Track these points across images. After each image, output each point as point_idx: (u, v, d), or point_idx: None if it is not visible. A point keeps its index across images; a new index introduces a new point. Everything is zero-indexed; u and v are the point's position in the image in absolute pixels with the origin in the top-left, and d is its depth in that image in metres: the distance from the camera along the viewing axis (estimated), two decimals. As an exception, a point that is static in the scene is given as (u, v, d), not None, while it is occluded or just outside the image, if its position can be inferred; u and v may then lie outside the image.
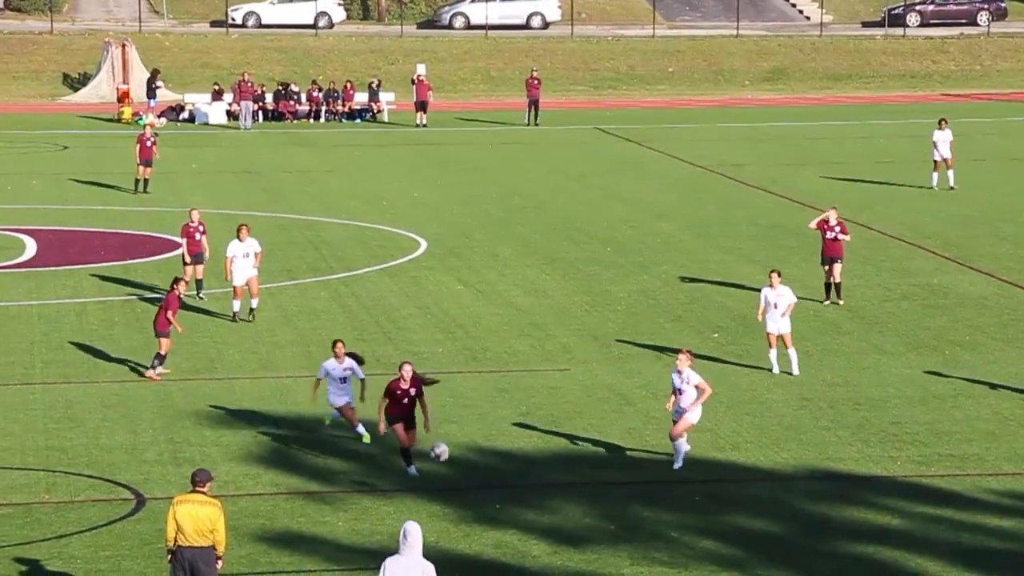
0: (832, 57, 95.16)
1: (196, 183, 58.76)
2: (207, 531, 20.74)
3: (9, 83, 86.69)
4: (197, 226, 39.58)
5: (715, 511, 25.66)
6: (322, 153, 67.40)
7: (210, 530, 20.76)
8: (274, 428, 29.76)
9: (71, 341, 36.23)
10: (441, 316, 38.43)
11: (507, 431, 29.64)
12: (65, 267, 44.16)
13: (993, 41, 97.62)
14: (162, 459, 28.15)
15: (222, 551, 20.97)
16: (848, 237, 39.34)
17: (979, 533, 24.81)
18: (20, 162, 64.30)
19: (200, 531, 20.71)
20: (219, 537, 20.81)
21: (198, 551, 20.72)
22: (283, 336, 36.69)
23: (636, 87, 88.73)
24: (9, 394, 32.11)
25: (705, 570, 23.30)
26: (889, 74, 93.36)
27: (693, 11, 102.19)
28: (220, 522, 20.82)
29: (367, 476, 27.17)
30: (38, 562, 23.51)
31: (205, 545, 20.75)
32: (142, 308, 39.14)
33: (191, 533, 20.69)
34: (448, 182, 58.95)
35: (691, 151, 66.45)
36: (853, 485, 26.94)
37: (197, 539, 20.71)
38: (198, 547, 20.72)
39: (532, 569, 23.36)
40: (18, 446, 28.87)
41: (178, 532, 20.72)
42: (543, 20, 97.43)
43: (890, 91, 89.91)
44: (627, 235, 48.51)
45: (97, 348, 35.61)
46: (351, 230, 49.55)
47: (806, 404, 31.32)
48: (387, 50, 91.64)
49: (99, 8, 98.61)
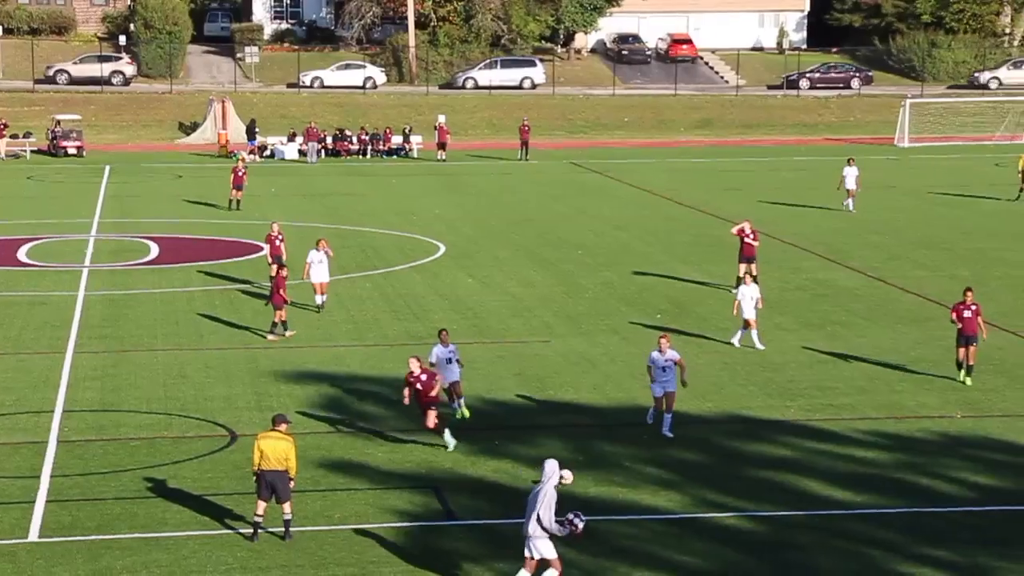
0: (745, 110, 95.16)
1: (275, 203, 58.72)
2: (283, 459, 20.74)
3: (140, 129, 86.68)
4: (277, 235, 39.44)
5: (657, 446, 25.68)
6: (368, 180, 67.38)
7: (285, 458, 20.75)
8: (331, 384, 29.77)
9: (183, 319, 36.25)
10: (455, 301, 38.45)
11: (504, 387, 29.67)
12: (179, 265, 44.17)
13: (863, 100, 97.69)
14: (249, 406, 28.18)
15: (294, 474, 20.96)
16: (758, 243, 39.28)
17: (851, 462, 24.86)
18: (147, 187, 64.29)
19: (278, 459, 20.71)
20: (291, 464, 20.80)
21: (276, 474, 20.72)
22: (338, 316, 36.70)
23: (601, 132, 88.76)
24: (138, 357, 32.14)
25: (649, 489, 23.33)
26: (787, 123, 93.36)
27: (643, 76, 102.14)
28: (292, 453, 20.81)
29: (399, 419, 27.16)
30: (160, 481, 23.58)
31: (281, 469, 20.74)
32: (235, 295, 39.15)
33: (272, 460, 20.69)
34: (461, 202, 58.96)
35: (641, 180, 66.45)
36: (759, 427, 26.97)
37: (275, 464, 20.71)
38: (276, 471, 20.71)
39: (522, 488, 23.30)
40: (144, 396, 28.90)
41: (261, 459, 20.72)
42: (532, 82, 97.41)
43: (788, 136, 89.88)
44: (594, 241, 48.53)
45: (202, 324, 35.62)
46: (389, 237, 49.57)
47: (726, 367, 31.32)
48: (416, 104, 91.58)
49: (205, 74, 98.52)
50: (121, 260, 45.01)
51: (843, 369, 31.20)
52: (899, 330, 35.06)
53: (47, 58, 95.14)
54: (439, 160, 74.92)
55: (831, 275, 42.36)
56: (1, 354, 32.47)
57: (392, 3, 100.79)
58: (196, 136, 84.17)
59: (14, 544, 20.79)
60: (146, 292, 39.70)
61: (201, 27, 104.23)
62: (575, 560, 20.20)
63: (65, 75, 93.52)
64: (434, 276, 42.16)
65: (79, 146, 77.19)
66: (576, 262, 44.40)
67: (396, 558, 20.29)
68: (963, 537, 21.23)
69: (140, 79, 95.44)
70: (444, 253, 46.16)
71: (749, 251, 38.80)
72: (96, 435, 26.22)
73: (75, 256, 45.60)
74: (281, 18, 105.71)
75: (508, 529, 21.33)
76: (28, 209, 56.52)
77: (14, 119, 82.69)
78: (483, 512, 22.23)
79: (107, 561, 20.16)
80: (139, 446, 25.50)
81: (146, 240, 48.62)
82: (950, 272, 42.63)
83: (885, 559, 20.41)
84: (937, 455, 25.18)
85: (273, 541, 20.88)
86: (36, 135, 79.58)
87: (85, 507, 22.19)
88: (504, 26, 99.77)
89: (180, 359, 31.97)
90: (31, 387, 29.47)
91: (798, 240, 48.43)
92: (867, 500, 22.83)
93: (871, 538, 21.20)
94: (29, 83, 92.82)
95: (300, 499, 22.61)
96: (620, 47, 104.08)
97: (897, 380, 30.31)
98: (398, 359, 31.64)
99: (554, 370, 31.05)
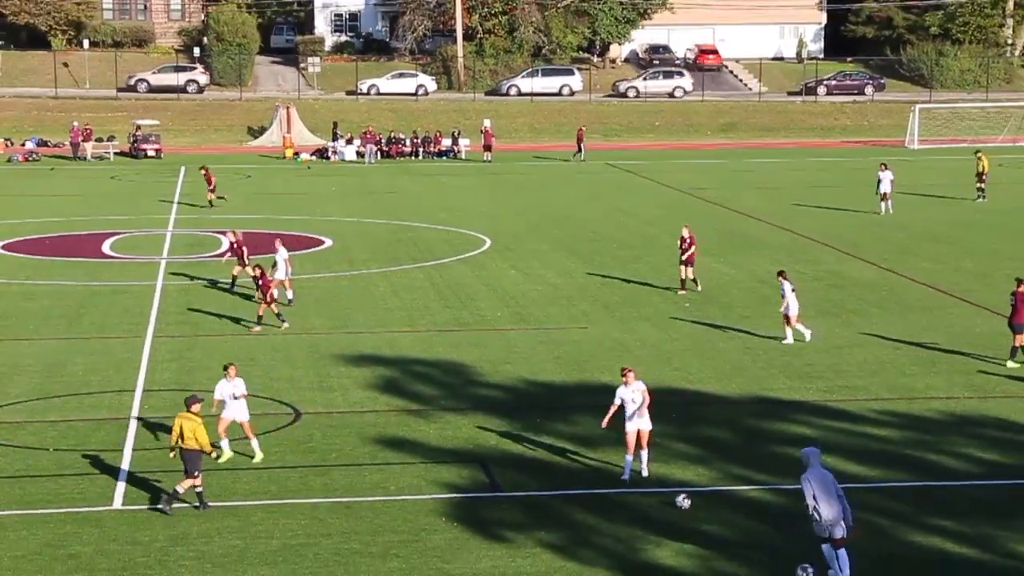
0: (767, 115, 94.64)
1: (337, 201, 58.84)
2: (193, 438, 20.78)
3: (212, 134, 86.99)
4: (238, 240, 37.89)
5: (686, 424, 25.57)
6: (420, 180, 67.41)
7: (194, 437, 20.78)
8: (386, 367, 29.77)
9: (250, 307, 36.27)
10: (500, 291, 38.39)
11: (545, 370, 29.60)
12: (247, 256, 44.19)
13: (876, 105, 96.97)
14: (312, 386, 28.21)
15: (208, 449, 21.05)
16: (694, 248, 37.12)
17: (864, 439, 24.69)
18: (218, 186, 64.41)
19: (189, 437, 20.79)
20: (202, 442, 20.82)
21: (190, 451, 20.84)
22: (392, 304, 36.70)
23: (634, 135, 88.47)
24: (210, 342, 32.23)
25: (679, 464, 23.22)
26: (806, 127, 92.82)
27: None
28: (200, 431, 20.83)
29: (449, 398, 27.16)
30: (231, 454, 23.57)
31: (195, 448, 20.80)
32: (298, 284, 39.18)
33: (185, 438, 20.84)
34: (505, 200, 58.89)
35: (670, 179, 66.21)
36: (780, 407, 26.81)
37: (189, 443, 20.81)
38: (191, 449, 20.83)
39: (561, 464, 23.32)
40: (216, 377, 28.67)
41: (179, 438, 20.89)
42: (570, 89, 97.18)
43: (807, 139, 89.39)
44: (626, 235, 48.37)
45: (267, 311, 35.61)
46: (439, 232, 49.55)
47: (748, 351, 31.15)
48: (464, 110, 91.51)
49: (272, 83, 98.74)
50: (195, 252, 45.16)
51: (857, 354, 30.97)
52: (909, 318, 34.79)
53: (129, 68, 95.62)
54: (485, 161, 74.84)
55: (846, 267, 42.07)
56: (87, 338, 32.64)
57: (442, 17, 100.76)
58: (263, 139, 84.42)
59: (100, 511, 20.90)
60: (218, 281, 39.81)
61: (268, 40, 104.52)
62: (609, 530, 20.14)
63: (145, 84, 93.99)
64: (480, 267, 42.11)
65: (157, 149, 77.55)
66: (611, 255, 44.27)
67: (446, 526, 20.29)
68: (969, 509, 21.05)
69: (213, 87, 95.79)
70: (489, 246, 46.09)
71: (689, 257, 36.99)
72: (172, 412, 26.11)
73: (154, 249, 45.79)
74: (341, 31, 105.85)
75: (549, 501, 21.31)
76: (112, 206, 56.82)
77: (99, 124, 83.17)
78: (526, 485, 22.17)
79: (183, 527, 20.24)
80: (211, 423, 25.53)
81: (218, 234, 48.73)
82: (955, 265, 42.29)
83: (896, 529, 20.26)
84: (944, 433, 24.97)
85: (336, 509, 20.90)
86: (119, 139, 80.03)
87: (163, 478, 22.27)
88: (545, 38, 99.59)
89: (248, 343, 32.04)
90: (114, 368, 29.61)
91: (816, 235, 48.12)
92: (880, 474, 22.67)
93: (883, 509, 21.04)
94: (112, 91, 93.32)
95: (358, 472, 22.65)
96: (651, 56, 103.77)
97: (907, 364, 30.07)
98: (447, 344, 31.69)
99: (591, 354, 30.95)
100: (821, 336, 32.44)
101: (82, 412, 26.26)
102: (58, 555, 19.21)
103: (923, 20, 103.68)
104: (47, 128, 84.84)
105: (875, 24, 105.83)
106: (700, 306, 36.07)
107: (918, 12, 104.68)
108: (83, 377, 28.84)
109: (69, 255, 44.08)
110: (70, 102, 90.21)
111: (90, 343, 32.03)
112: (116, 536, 19.88)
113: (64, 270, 41.44)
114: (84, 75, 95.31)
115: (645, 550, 19.43)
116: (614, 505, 21.17)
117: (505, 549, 19.35)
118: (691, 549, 19.44)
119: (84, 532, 20.00)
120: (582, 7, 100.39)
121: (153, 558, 19.06)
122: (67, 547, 19.49)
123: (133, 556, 19.14)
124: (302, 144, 78.86)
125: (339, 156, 76.65)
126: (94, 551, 19.34)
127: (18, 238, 47.82)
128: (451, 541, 19.73)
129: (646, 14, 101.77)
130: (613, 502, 21.32)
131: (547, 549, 19.40)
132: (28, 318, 34.58)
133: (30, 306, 36.13)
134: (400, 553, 19.26)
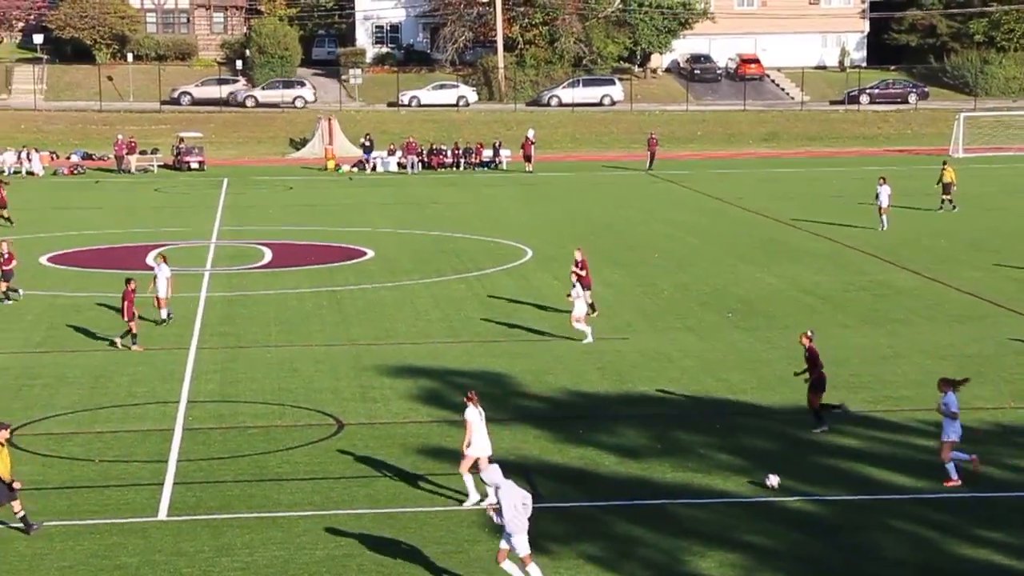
0: (809, 124, 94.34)
1: (379, 211, 59.02)
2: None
3: (256, 145, 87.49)
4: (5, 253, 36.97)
5: (729, 435, 25.49)
6: (461, 191, 67.55)
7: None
8: (428, 378, 29.82)
9: (293, 318, 36.48)
10: (541, 301, 38.38)
11: (587, 380, 29.57)
12: (290, 268, 44.49)
13: (919, 113, 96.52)
14: (355, 397, 28.29)
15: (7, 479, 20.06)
16: (584, 272, 34.71)
17: (910, 449, 24.53)
18: (261, 197, 64.85)
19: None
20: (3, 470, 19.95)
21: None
22: (434, 315, 36.77)
23: (675, 145, 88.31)
24: (253, 353, 32.40)
25: (722, 475, 23.15)
26: (848, 136, 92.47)
27: (714, 93, 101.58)
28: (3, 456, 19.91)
29: (491, 409, 27.15)
30: (275, 465, 23.69)
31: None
32: (340, 296, 39.35)
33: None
34: (546, 210, 58.91)
35: (712, 188, 66.07)
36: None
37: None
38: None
39: (604, 474, 23.29)
40: (259, 388, 29.12)
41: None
42: (611, 100, 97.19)
43: (849, 147, 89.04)
44: (668, 245, 48.29)
45: (311, 323, 35.83)
46: (481, 243, 49.61)
47: (793, 362, 30.95)
48: (505, 121, 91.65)
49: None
50: (238, 264, 45.41)
51: (902, 364, 30.79)
52: (954, 327, 34.55)
53: (172, 81, 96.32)
54: (526, 172, 74.90)
55: (890, 277, 41.84)
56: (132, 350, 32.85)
57: (483, 28, 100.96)
58: (305, 151, 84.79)
59: (145, 522, 21.02)
60: (261, 293, 40.02)
61: (309, 52, 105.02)
62: (651, 541, 20.09)
63: (188, 97, 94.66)
64: (522, 278, 42.13)
65: (201, 161, 78.02)
66: (652, 265, 44.19)
67: (489, 537, 20.29)
68: (1018, 521, 20.87)
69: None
70: (531, 257, 46.11)
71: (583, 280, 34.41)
72: (216, 423, 26.45)
73: (198, 260, 46.07)
74: (382, 43, 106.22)
75: (591, 512, 21.28)
76: (156, 218, 57.21)
77: (143, 137, 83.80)
78: (568, 496, 22.16)
79: (228, 538, 20.34)
80: (255, 434, 25.69)
81: (261, 246, 49.00)
82: (1001, 273, 41.98)
83: (944, 540, 20.11)
84: (991, 443, 24.76)
85: (380, 520, 20.95)
86: (162, 151, 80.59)
87: (208, 488, 22.40)
88: (585, 48, 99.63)
89: (291, 354, 32.17)
90: (159, 380, 29.80)
91: (860, 245, 47.89)
92: (926, 485, 22.50)
93: (930, 520, 20.90)
94: (156, 104, 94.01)
95: (402, 483, 22.68)
96: (693, 66, 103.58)
97: (953, 374, 29.73)
98: (489, 355, 31.73)
99: (633, 365, 30.90)
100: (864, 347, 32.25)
101: (127, 423, 26.44)
102: (104, 566, 19.34)
103: (967, 27, 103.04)
104: (92, 141, 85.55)
105: (918, 32, 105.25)
106: (743, 316, 35.96)
107: (962, 20, 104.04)
108: (128, 388, 29.03)
109: (114, 267, 44.40)
110: (114, 115, 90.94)
111: (135, 355, 32.23)
112: (162, 547, 19.99)
113: (109, 282, 41.74)
114: (128, 88, 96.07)
115: (688, 561, 19.37)
116: (656, 516, 21.12)
117: (548, 561, 19.32)
118: (734, 559, 19.37)
119: (130, 543, 20.13)
120: (623, 17, 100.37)
121: (199, 569, 19.16)
122: (113, 558, 19.61)
123: (179, 567, 19.25)
124: (343, 156, 79.18)
125: (384, 165, 77.07)
126: (140, 562, 19.46)
127: (63, 250, 48.22)
128: (494, 553, 19.71)
129: (687, 24, 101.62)
130: (656, 513, 21.27)
131: (589, 561, 19.37)
132: (74, 330, 34.84)
133: (76, 318, 36.42)
134: (444, 565, 19.28)
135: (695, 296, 38.96)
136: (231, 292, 40.26)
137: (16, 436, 25.41)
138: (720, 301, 38.16)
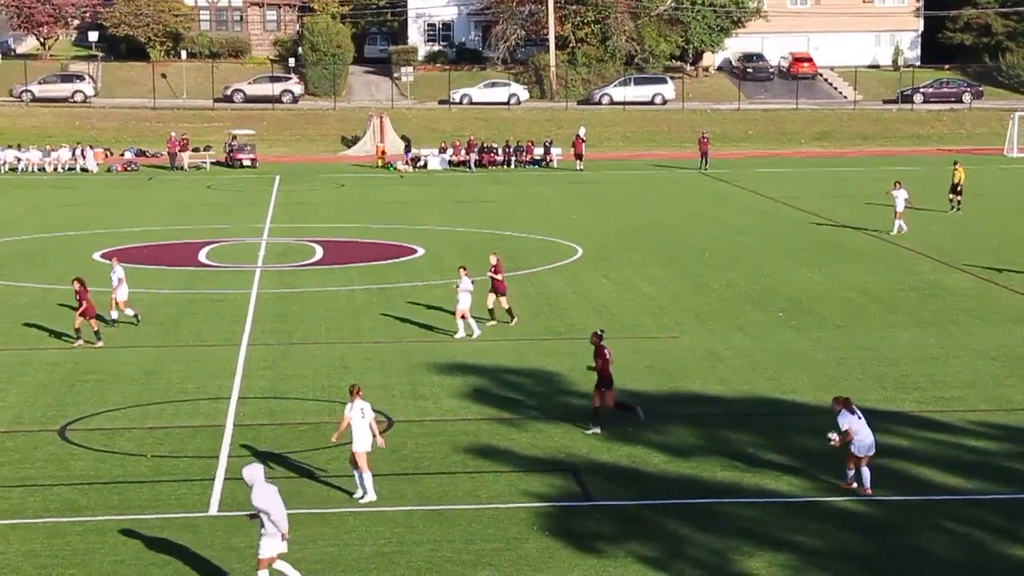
0: (862, 123, 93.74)
1: (429, 209, 59.15)
2: None
3: (307, 143, 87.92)
4: None
5: (779, 434, 25.39)
6: (512, 189, 67.59)
7: None
8: (478, 376, 29.87)
9: (344, 315, 36.63)
10: (592, 300, 38.37)
11: (637, 378, 29.52)
12: (341, 265, 44.68)
13: (973, 113, 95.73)
14: (404, 395, 28.38)
15: None
16: (500, 276, 34.23)
17: (961, 450, 24.36)
18: (313, 195, 65.17)
19: None
20: None
21: None
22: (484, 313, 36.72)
23: (726, 144, 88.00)
24: (304, 350, 32.56)
25: (771, 474, 23.06)
26: (902, 135, 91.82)
27: (766, 92, 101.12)
28: None
29: (540, 407, 27.20)
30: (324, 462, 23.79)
31: None
32: (389, 293, 39.48)
33: None
34: (596, 209, 58.86)
35: (763, 188, 65.78)
36: (875, 417, 26.36)
37: None
38: None
39: (653, 473, 23.26)
40: (310, 385, 29.27)
41: None
42: (663, 98, 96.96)
43: (902, 147, 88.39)
44: (719, 244, 48.14)
45: (361, 320, 35.96)
46: (531, 241, 49.64)
47: (843, 362, 30.87)
48: (556, 119, 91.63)
49: (365, 93, 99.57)
50: (290, 261, 45.65)
51: (954, 364, 30.56)
52: (1007, 328, 34.26)
53: (225, 79, 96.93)
54: (577, 170, 74.86)
55: (942, 277, 41.53)
56: (184, 346, 33.13)
57: (535, 26, 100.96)
58: (357, 149, 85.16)
59: (197, 517, 21.19)
60: (312, 290, 40.21)
61: (362, 50, 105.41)
62: (701, 540, 20.06)
63: (241, 94, 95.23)
64: (572, 277, 42.11)
65: (253, 158, 78.52)
66: (703, 264, 44.07)
67: (537, 535, 20.32)
68: (1069, 524, 20.69)
69: (307, 97, 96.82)
70: (581, 256, 46.09)
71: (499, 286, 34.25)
72: (267, 420, 26.62)
73: (249, 258, 46.34)
74: (434, 41, 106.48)
75: (640, 511, 21.26)
76: (208, 215, 57.61)
77: (196, 134, 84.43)
78: (617, 495, 22.14)
79: (277, 534, 20.42)
80: (306, 430, 25.82)
81: (312, 243, 49.25)
82: (1057, 274, 41.61)
83: (996, 543, 19.96)
84: (1044, 446, 24.57)
85: (429, 517, 21.03)
86: (215, 149, 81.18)
87: (258, 485, 22.49)
88: (637, 46, 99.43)
89: (342, 351, 32.31)
90: (210, 376, 30.01)
91: (913, 245, 47.56)
92: (978, 487, 22.34)
93: (982, 522, 20.74)
94: (209, 102, 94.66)
95: (450, 480, 22.75)
96: (745, 65, 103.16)
97: (1005, 375, 29.61)
98: (539, 353, 31.76)
99: (682, 364, 30.84)
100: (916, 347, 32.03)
101: (179, 419, 26.65)
102: (156, 560, 19.51)
103: (1023, 26, 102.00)
104: (145, 138, 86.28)
105: (973, 31, 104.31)
106: (793, 316, 35.80)
107: (1018, 19, 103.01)
108: (180, 384, 29.26)
109: (166, 264, 44.76)
110: (168, 112, 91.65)
111: (186, 351, 32.49)
112: (212, 542, 20.14)
113: (161, 278, 42.08)
114: (181, 86, 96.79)
115: (738, 561, 19.33)
116: (706, 515, 21.08)
117: (596, 560, 19.33)
118: (784, 559, 19.30)
119: (181, 538, 20.29)
120: (675, 15, 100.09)
121: (249, 564, 19.27)
122: (164, 552, 19.78)
123: (229, 562, 19.39)
124: (395, 154, 79.44)
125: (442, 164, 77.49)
126: (191, 557, 19.62)
127: (116, 247, 48.64)
128: (543, 551, 19.76)
129: (740, 22, 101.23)
130: (705, 512, 21.23)
131: (639, 560, 19.36)
132: (126, 326, 35.14)
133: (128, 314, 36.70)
134: (492, 562, 19.32)
135: (745, 295, 38.82)
136: (282, 289, 40.47)
137: (69, 431, 25.72)
138: (770, 300, 38.00)
